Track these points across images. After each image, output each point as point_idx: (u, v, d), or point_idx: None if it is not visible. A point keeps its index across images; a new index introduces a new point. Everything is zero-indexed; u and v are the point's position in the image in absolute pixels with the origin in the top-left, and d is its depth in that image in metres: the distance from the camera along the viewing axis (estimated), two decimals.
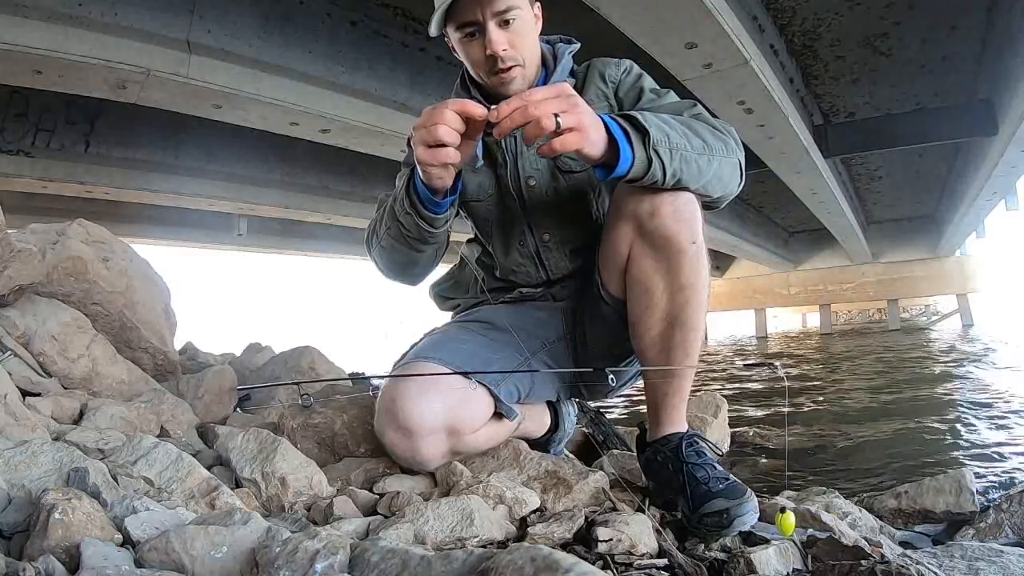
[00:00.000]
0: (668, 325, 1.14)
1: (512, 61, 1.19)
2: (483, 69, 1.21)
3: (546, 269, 1.36)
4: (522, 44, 1.20)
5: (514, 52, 1.18)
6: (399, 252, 1.27)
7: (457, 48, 1.24)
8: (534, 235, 1.34)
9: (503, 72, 1.19)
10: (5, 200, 1.89)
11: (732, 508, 1.01)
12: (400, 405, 1.12)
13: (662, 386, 1.18)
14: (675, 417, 1.19)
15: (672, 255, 1.10)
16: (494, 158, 1.33)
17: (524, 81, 1.23)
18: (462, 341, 1.27)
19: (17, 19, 3.43)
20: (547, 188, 1.32)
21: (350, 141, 5.84)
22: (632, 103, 1.28)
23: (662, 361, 1.16)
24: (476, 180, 1.34)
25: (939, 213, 14.19)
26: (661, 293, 1.13)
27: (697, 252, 1.11)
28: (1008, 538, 1.24)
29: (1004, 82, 5.92)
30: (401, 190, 1.17)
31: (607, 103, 1.30)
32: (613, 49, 1.37)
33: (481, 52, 1.18)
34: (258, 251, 12.09)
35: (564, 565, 0.59)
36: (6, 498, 0.82)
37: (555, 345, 1.38)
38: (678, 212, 1.09)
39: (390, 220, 1.22)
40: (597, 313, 1.30)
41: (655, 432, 1.21)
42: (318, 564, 0.66)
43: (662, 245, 1.10)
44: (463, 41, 1.20)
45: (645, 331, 1.17)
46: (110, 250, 1.64)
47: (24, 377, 1.29)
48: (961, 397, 4.42)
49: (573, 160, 1.29)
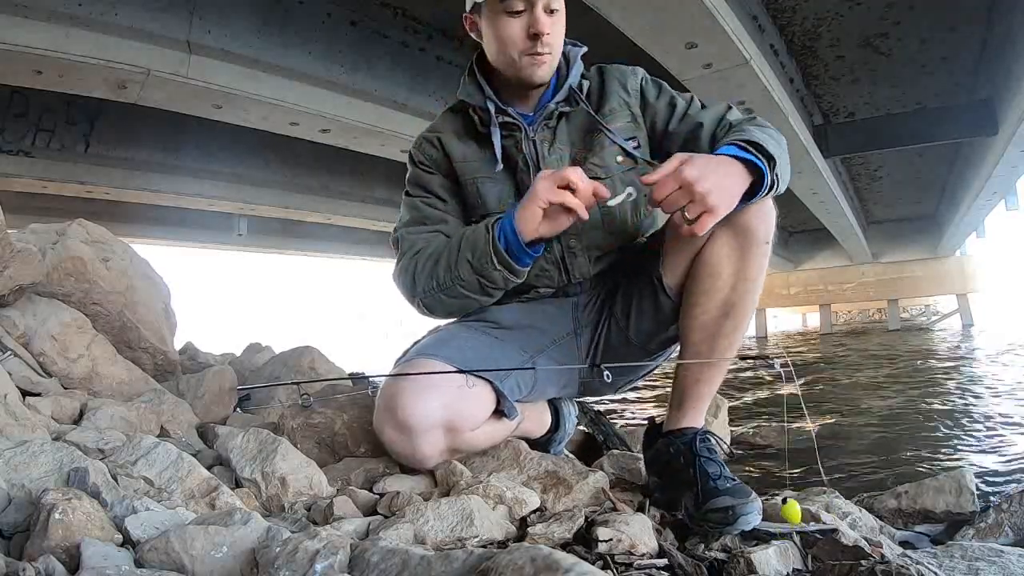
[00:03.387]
0: (723, 313, 1.17)
1: (549, 48, 1.21)
2: (518, 48, 1.20)
3: (569, 274, 1.34)
4: (558, 38, 1.24)
5: (552, 41, 1.21)
6: (472, 301, 1.26)
7: (487, 25, 1.23)
8: (560, 241, 1.30)
9: (540, 55, 1.21)
10: (5, 200, 1.89)
11: (738, 506, 1.02)
12: (398, 402, 1.12)
13: (695, 373, 1.20)
14: (699, 409, 1.22)
15: (748, 246, 1.14)
16: (514, 163, 1.30)
17: (551, 73, 1.25)
18: (465, 339, 1.26)
19: (17, 19, 3.44)
20: None
21: (350, 141, 5.84)
22: (667, 118, 1.31)
23: (707, 347, 1.18)
24: (496, 190, 1.31)
25: (939, 213, 14.18)
26: (727, 279, 1.16)
27: (767, 251, 1.16)
28: (1008, 538, 1.24)
29: (1004, 82, 5.92)
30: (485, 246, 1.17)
31: (629, 112, 1.31)
32: (613, 49, 1.37)
33: (521, 31, 1.19)
34: (258, 251, 12.09)
35: (564, 565, 0.59)
36: (6, 498, 0.82)
37: (564, 341, 1.37)
38: (764, 210, 1.14)
39: (467, 274, 1.20)
40: (650, 305, 1.29)
41: (673, 422, 1.22)
42: (318, 564, 0.66)
43: (743, 233, 1.14)
44: (502, 17, 1.19)
45: (701, 313, 1.19)
46: (110, 250, 1.64)
47: (24, 377, 1.29)
48: (961, 397, 4.42)
49: (599, 167, 1.28)
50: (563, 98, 1.28)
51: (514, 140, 1.29)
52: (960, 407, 3.89)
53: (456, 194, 1.34)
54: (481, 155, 1.31)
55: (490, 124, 1.27)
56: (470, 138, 1.33)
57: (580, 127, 1.30)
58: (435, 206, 1.33)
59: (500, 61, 1.25)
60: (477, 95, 1.29)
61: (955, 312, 17.69)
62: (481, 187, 1.31)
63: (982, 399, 4.22)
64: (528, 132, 1.28)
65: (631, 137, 1.30)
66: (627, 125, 1.31)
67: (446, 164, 1.33)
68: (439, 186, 1.34)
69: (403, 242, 1.31)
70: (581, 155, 1.30)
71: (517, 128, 1.28)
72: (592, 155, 1.29)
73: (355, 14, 4.86)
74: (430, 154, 1.34)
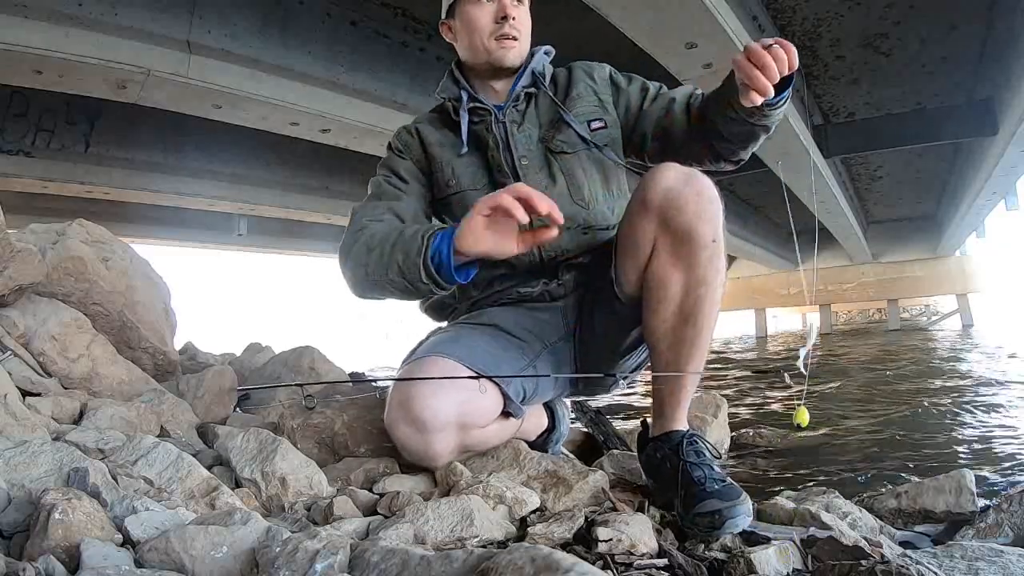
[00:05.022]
0: (681, 320, 1.16)
1: (516, 33, 1.30)
2: (487, 31, 1.29)
3: (540, 251, 1.33)
4: (525, 26, 1.33)
5: (519, 26, 1.30)
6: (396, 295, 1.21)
7: (460, 19, 1.32)
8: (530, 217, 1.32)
9: (508, 39, 1.29)
10: (5, 200, 1.89)
11: (725, 509, 1.01)
12: (414, 399, 1.12)
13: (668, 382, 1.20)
14: (679, 413, 1.21)
15: (692, 250, 1.13)
16: (484, 143, 1.36)
17: (519, 58, 1.33)
18: (473, 340, 1.27)
19: (17, 19, 3.44)
20: (540, 167, 1.35)
21: (350, 141, 5.85)
22: (640, 99, 1.39)
23: (671, 355, 1.18)
24: (470, 171, 1.37)
25: (939, 213, 14.18)
26: (678, 287, 1.15)
27: (716, 250, 1.15)
28: (1008, 538, 1.24)
29: (1004, 82, 5.92)
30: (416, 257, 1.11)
31: (596, 97, 1.39)
32: (613, 49, 1.38)
33: (489, 17, 1.29)
34: (258, 251, 12.09)
35: (564, 565, 0.59)
36: (6, 498, 0.82)
37: (557, 345, 1.38)
38: (703, 210, 1.12)
39: (395, 275, 1.15)
40: (608, 309, 1.30)
41: (658, 427, 1.22)
42: (318, 564, 0.66)
43: (684, 240, 1.13)
44: (473, 6, 1.29)
45: (659, 323, 1.18)
46: (110, 250, 1.64)
47: (24, 377, 1.29)
48: (961, 397, 4.42)
49: (563, 142, 1.35)
50: (528, 82, 1.37)
51: (484, 124, 1.36)
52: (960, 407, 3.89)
53: (418, 178, 1.40)
54: (454, 140, 1.38)
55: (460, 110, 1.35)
56: (445, 126, 1.41)
57: (547, 109, 1.38)
58: (394, 184, 1.38)
59: (472, 50, 1.33)
60: (452, 88, 1.38)
61: (955, 312, 17.68)
62: (456, 167, 1.37)
63: (982, 399, 4.22)
64: (498, 116, 1.35)
65: (597, 119, 1.38)
66: (593, 108, 1.38)
67: (419, 151, 1.40)
68: (404, 169, 1.39)
69: (353, 217, 1.32)
70: (549, 135, 1.36)
71: (487, 112, 1.35)
72: (559, 133, 1.36)
73: (355, 14, 4.87)
74: (405, 140, 1.42)
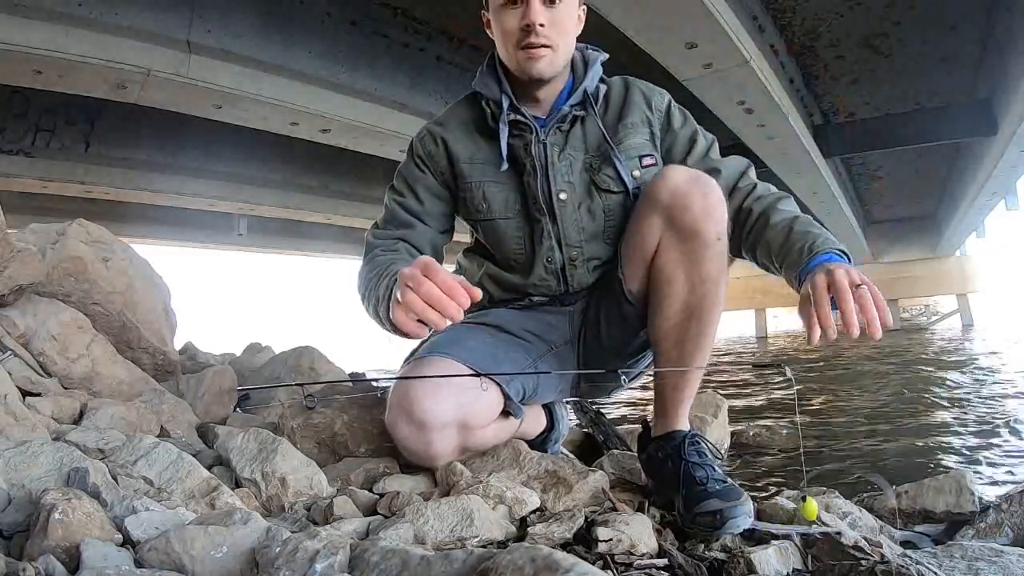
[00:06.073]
0: (685, 317, 1.16)
1: (545, 40, 1.15)
2: (512, 41, 1.17)
3: (567, 284, 1.32)
4: (560, 30, 1.17)
5: (550, 33, 1.15)
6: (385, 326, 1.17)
7: (493, 20, 1.20)
8: (563, 252, 1.28)
9: (532, 48, 1.15)
10: (5, 200, 1.89)
11: (726, 510, 1.01)
12: (414, 399, 1.12)
13: (670, 379, 1.20)
14: (681, 413, 1.21)
15: (698, 248, 1.13)
16: (521, 166, 1.26)
17: (552, 68, 1.20)
18: (475, 340, 1.26)
19: (17, 19, 3.44)
20: (579, 204, 1.27)
21: (350, 141, 5.85)
22: (686, 151, 1.29)
23: (676, 352, 1.18)
24: (502, 196, 1.28)
25: (939, 213, 14.18)
26: (683, 284, 1.15)
27: (721, 248, 1.14)
28: (1008, 538, 1.24)
29: (1004, 82, 5.92)
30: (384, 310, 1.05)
31: (649, 130, 1.29)
32: (613, 49, 1.36)
33: (516, 21, 1.15)
34: (258, 251, 12.09)
35: (564, 565, 0.59)
36: (6, 498, 0.82)
37: (562, 349, 1.37)
38: (709, 209, 1.12)
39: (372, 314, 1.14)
40: (616, 311, 1.29)
41: (660, 427, 1.22)
42: (318, 564, 0.66)
43: (689, 237, 1.12)
44: (501, 9, 1.16)
45: (663, 321, 1.18)
46: (110, 250, 1.64)
47: (24, 377, 1.28)
48: (961, 397, 4.42)
49: (611, 179, 1.26)
50: (578, 102, 1.25)
51: (523, 141, 1.25)
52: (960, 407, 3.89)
53: (439, 195, 1.31)
54: (488, 155, 1.27)
55: (499, 120, 1.23)
56: (478, 134, 1.29)
57: (596, 134, 1.26)
58: (409, 208, 1.30)
59: (504, 57, 1.22)
60: (493, 87, 1.25)
61: (955, 312, 17.68)
62: (487, 191, 1.28)
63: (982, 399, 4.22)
64: (539, 134, 1.24)
65: (648, 154, 1.27)
66: (645, 142, 1.28)
67: (444, 163, 1.30)
68: (424, 186, 1.31)
69: (366, 245, 1.29)
70: (595, 165, 1.26)
71: (528, 128, 1.24)
72: (607, 167, 1.25)
73: (355, 14, 4.87)
74: (429, 150, 1.31)
